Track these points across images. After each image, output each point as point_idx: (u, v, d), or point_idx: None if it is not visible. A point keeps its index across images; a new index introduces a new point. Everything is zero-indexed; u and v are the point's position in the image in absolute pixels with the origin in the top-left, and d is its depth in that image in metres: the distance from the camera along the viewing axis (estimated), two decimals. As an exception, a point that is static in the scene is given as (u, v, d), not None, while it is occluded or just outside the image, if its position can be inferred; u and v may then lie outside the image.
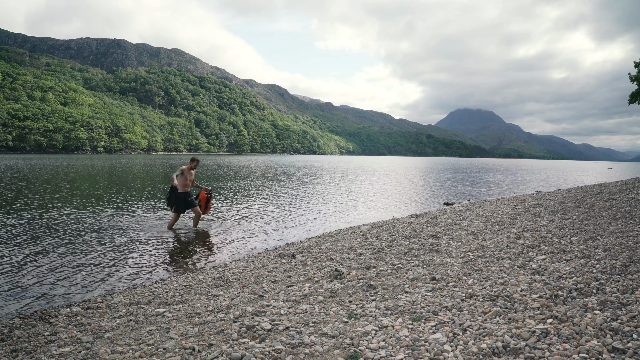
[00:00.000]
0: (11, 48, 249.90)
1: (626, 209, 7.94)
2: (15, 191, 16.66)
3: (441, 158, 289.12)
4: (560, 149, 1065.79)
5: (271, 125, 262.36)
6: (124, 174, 29.77)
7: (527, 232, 6.60)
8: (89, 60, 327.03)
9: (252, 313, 3.75)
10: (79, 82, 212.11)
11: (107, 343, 3.43)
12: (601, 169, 72.35)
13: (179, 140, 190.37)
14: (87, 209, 12.37)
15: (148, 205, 13.54)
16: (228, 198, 16.18)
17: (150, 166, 44.87)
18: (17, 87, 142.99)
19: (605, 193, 11.63)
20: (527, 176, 39.51)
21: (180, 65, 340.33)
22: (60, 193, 16.53)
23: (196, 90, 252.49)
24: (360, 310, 3.61)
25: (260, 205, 14.23)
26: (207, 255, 7.42)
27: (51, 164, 42.97)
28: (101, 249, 7.59)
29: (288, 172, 38.02)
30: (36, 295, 5.24)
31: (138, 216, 11.24)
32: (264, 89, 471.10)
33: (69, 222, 10.12)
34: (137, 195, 16.28)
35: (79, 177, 25.91)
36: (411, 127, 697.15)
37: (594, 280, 3.71)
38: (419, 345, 2.76)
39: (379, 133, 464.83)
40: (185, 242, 8.38)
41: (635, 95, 20.10)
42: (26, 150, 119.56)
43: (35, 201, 13.71)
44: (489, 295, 3.64)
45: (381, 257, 5.78)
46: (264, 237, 9.01)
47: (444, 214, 10.30)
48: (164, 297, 4.86)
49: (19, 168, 34.14)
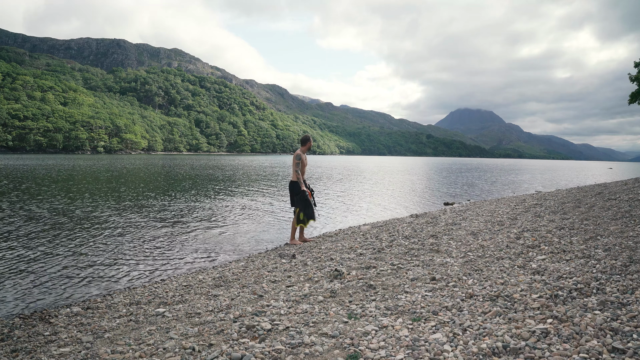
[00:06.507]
0: (11, 48, 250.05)
1: (626, 209, 7.94)
2: (13, 191, 16.66)
3: (441, 158, 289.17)
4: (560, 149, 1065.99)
5: (271, 125, 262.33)
6: (124, 174, 29.77)
7: (527, 232, 6.60)
8: (89, 60, 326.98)
9: (252, 313, 3.75)
10: (79, 82, 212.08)
11: (107, 343, 3.43)
12: (601, 169, 72.35)
13: (179, 140, 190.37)
14: (86, 209, 12.38)
15: (148, 204, 13.55)
16: (228, 198, 16.18)
17: (151, 166, 44.88)
18: (17, 87, 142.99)
19: (605, 193, 11.62)
20: (527, 176, 39.52)
21: (181, 66, 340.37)
22: (60, 193, 16.52)
23: (196, 90, 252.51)
24: (360, 310, 3.61)
25: (260, 205, 14.23)
26: (207, 255, 7.42)
27: (51, 164, 42.97)
28: (101, 249, 7.59)
29: (288, 172, 38.00)
30: (36, 295, 5.24)
31: (138, 216, 11.25)
32: (264, 89, 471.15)
33: (68, 222, 10.12)
34: (137, 195, 16.28)
35: (79, 177, 25.90)
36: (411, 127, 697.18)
37: (594, 280, 3.71)
38: (419, 345, 2.76)
39: (379, 133, 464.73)
40: (186, 242, 8.38)
41: (635, 95, 20.11)
42: (26, 150, 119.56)
43: (35, 201, 13.71)
44: (489, 295, 3.64)
45: (381, 257, 5.78)
46: (264, 237, 9.01)
47: (444, 214, 10.30)
48: (164, 297, 4.86)
49: (19, 168, 34.14)
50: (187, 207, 13.21)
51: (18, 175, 25.97)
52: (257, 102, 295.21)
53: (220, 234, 9.31)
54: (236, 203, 14.65)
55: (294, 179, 7.54)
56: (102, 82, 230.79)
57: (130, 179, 25.64)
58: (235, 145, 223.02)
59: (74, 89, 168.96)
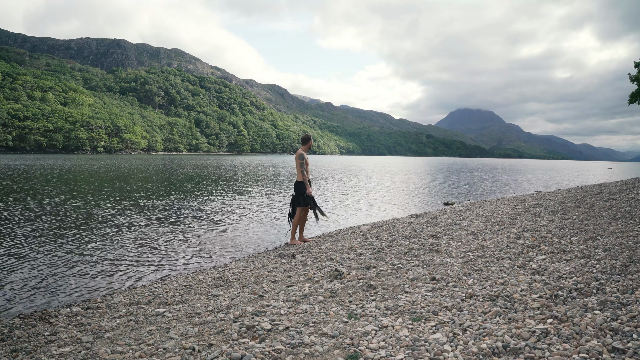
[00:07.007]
0: (11, 48, 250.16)
1: (626, 209, 7.94)
2: (12, 191, 16.66)
3: (441, 158, 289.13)
4: (560, 148, 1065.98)
5: (271, 125, 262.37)
6: (124, 174, 29.77)
7: (527, 232, 6.60)
8: (89, 60, 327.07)
9: (252, 313, 3.75)
10: (79, 82, 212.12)
11: (107, 343, 3.43)
12: (601, 169, 72.34)
13: (179, 140, 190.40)
14: (87, 208, 12.38)
15: (148, 204, 13.55)
16: (228, 198, 16.18)
17: (151, 166, 44.88)
18: (17, 87, 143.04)
19: (605, 193, 11.62)
20: (527, 176, 39.51)
21: (181, 66, 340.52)
22: (60, 193, 16.53)
23: (196, 90, 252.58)
24: (360, 310, 3.61)
25: (260, 205, 14.23)
26: (207, 255, 7.42)
27: (52, 165, 42.97)
28: (101, 249, 7.59)
29: (288, 172, 38.02)
30: (36, 295, 5.24)
31: (138, 216, 11.24)
32: (264, 89, 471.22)
33: (68, 222, 10.13)
34: (137, 195, 16.28)
35: (79, 177, 25.90)
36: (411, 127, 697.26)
37: (594, 280, 3.71)
38: (419, 345, 2.76)
39: (379, 133, 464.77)
40: (186, 242, 8.38)
41: (635, 95, 20.10)
42: (26, 150, 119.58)
43: (36, 201, 13.71)
44: (489, 295, 3.64)
45: (381, 257, 5.78)
46: (264, 237, 9.01)
47: (444, 214, 10.30)
48: (164, 297, 4.86)
49: (18, 168, 34.13)
50: (187, 207, 13.21)
51: (19, 175, 25.97)
52: (257, 102, 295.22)
53: (220, 234, 9.31)
54: (236, 203, 14.65)
55: (300, 179, 7.48)
56: (102, 82, 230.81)
57: (131, 179, 25.64)
58: (235, 145, 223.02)
59: (74, 89, 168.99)
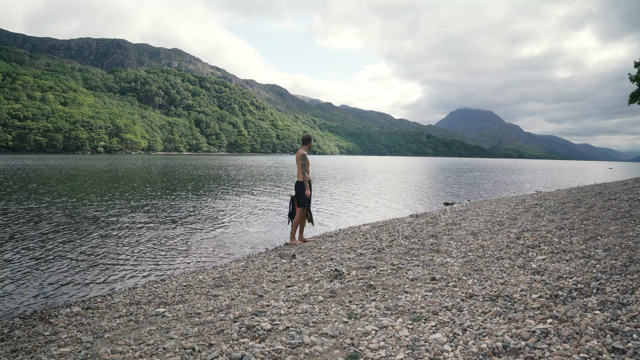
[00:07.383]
0: (11, 48, 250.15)
1: (626, 209, 7.94)
2: (17, 192, 16.66)
3: (441, 158, 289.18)
4: (560, 148, 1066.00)
5: (271, 125, 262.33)
6: (125, 174, 29.77)
7: (527, 232, 6.60)
8: (89, 60, 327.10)
9: (252, 313, 3.75)
10: (79, 82, 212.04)
11: (107, 343, 3.43)
12: (601, 169, 72.34)
13: (179, 140, 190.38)
14: (86, 208, 12.38)
15: (149, 204, 13.55)
16: (228, 198, 16.18)
17: (151, 166, 44.89)
18: (17, 87, 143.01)
19: (605, 193, 11.62)
20: (527, 176, 39.51)
21: (181, 66, 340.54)
22: (60, 193, 16.53)
23: (196, 90, 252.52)
24: (360, 310, 3.61)
25: (260, 205, 14.23)
26: (207, 255, 7.42)
27: (52, 165, 42.97)
28: (101, 249, 7.59)
29: (289, 172, 38.01)
30: (36, 295, 5.24)
31: (138, 216, 11.24)
32: (264, 89, 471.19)
33: (68, 222, 10.12)
34: (137, 195, 16.28)
35: (80, 177, 25.90)
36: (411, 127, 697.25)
37: (594, 280, 3.71)
38: (419, 345, 2.76)
39: (379, 133, 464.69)
40: (186, 242, 8.38)
41: (635, 95, 20.09)
42: (26, 150, 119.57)
43: (36, 201, 13.71)
44: (489, 295, 3.64)
45: (381, 257, 5.78)
46: (264, 237, 9.01)
47: (444, 214, 10.30)
48: (164, 297, 4.86)
49: (20, 168, 34.14)
50: (187, 207, 13.21)
51: (20, 175, 25.97)
52: (257, 102, 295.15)
53: (221, 234, 9.31)
54: (236, 203, 14.65)
55: (301, 180, 7.42)
56: (102, 82, 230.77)
57: (131, 179, 25.64)
58: (235, 145, 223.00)
59: (74, 89, 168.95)
